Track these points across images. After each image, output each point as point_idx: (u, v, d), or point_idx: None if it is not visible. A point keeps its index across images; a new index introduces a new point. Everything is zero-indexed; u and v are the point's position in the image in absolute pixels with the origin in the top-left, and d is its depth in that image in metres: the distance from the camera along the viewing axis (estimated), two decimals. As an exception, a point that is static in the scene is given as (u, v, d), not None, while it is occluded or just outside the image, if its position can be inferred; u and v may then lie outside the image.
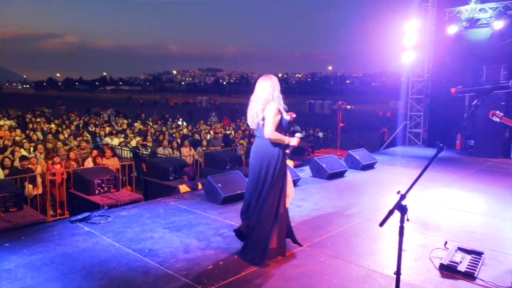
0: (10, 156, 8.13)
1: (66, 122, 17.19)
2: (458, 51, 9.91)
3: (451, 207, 5.17)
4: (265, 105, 3.36)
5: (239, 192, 5.40)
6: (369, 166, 7.61)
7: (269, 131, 3.30)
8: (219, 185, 5.28)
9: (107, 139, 11.87)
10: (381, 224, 1.82)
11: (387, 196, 5.57)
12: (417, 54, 10.39)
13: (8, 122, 15.56)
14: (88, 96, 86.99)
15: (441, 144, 1.92)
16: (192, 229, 4.20)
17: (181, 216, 4.64)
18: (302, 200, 5.35)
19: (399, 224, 1.84)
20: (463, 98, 9.79)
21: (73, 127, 15.26)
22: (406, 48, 10.38)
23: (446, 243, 3.61)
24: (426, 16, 10.61)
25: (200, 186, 6.30)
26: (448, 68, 9.98)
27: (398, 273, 1.86)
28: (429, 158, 7.93)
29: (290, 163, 7.62)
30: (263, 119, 3.37)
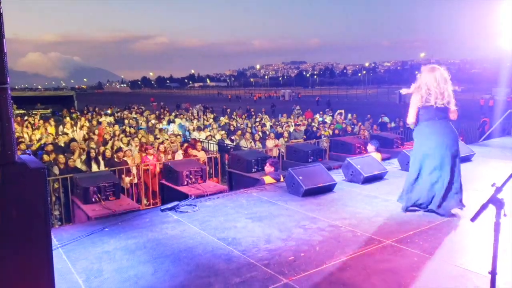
0: (110, 148, 9.03)
1: (159, 115, 18.59)
2: None
3: None
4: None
5: (321, 185, 5.29)
6: (466, 159, 6.87)
7: (456, 115, 4.14)
8: (301, 177, 5.22)
9: (195, 133, 12.57)
10: (473, 219, 1.61)
11: (484, 191, 4.97)
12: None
13: (108, 119, 17.37)
14: (178, 93, 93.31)
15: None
16: (274, 220, 4.22)
17: (263, 207, 4.70)
18: (389, 194, 5.03)
19: (494, 220, 1.60)
20: None
21: (164, 122, 16.46)
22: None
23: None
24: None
25: (282, 179, 6.32)
26: None
27: (493, 272, 1.63)
28: None
29: (377, 156, 7.23)
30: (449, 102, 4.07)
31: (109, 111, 22.76)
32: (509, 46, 8.78)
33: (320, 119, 17.52)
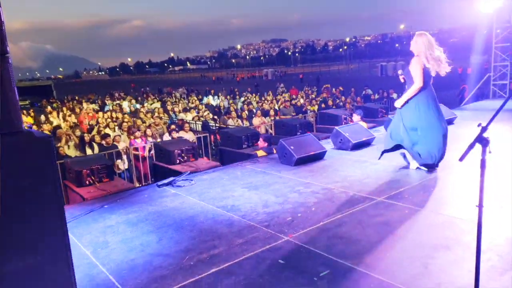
0: (96, 134, 9.00)
1: (140, 99, 18.42)
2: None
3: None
4: None
5: (312, 153, 5.45)
6: (448, 122, 7.10)
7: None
8: (292, 147, 5.36)
9: (182, 115, 12.55)
10: (461, 159, 1.76)
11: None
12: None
13: (91, 106, 17.14)
14: (159, 77, 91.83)
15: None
16: (269, 188, 4.37)
17: (257, 177, 4.84)
18: (376, 157, 5.22)
19: (480, 157, 1.76)
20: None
21: (148, 105, 16.34)
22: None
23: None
24: None
25: (274, 151, 6.45)
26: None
27: (480, 205, 1.79)
28: None
29: (363, 124, 7.43)
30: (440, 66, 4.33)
31: (91, 98, 22.36)
32: (488, 9, 8.97)
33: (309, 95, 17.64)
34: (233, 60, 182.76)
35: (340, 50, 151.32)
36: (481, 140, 1.73)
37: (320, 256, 2.72)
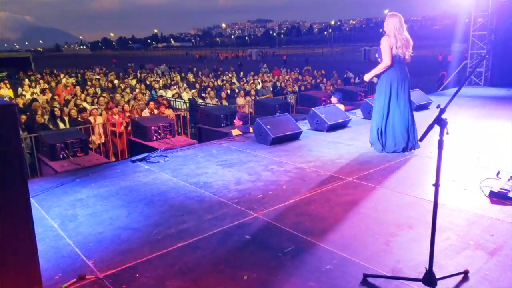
0: (75, 108, 8.79)
1: (121, 75, 18.02)
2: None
3: (508, 140, 4.91)
4: None
5: (288, 133, 5.47)
6: (423, 107, 7.26)
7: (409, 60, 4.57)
8: (268, 126, 5.37)
9: (161, 92, 12.35)
10: (421, 139, 1.81)
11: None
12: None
13: (69, 80, 16.66)
14: (141, 54, 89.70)
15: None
16: (243, 166, 4.39)
17: (232, 155, 4.84)
18: (352, 139, 5.32)
19: (438, 138, 1.81)
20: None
21: (128, 81, 16.00)
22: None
23: (498, 173, 3.47)
24: None
25: (251, 130, 6.45)
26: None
27: (437, 185, 1.85)
28: (490, 97, 7.53)
29: (341, 106, 7.49)
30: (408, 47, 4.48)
31: (70, 72, 21.70)
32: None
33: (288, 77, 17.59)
34: (218, 39, 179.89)
35: (325, 33, 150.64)
36: (439, 121, 1.77)
37: (287, 233, 2.77)
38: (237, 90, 12.22)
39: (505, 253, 2.38)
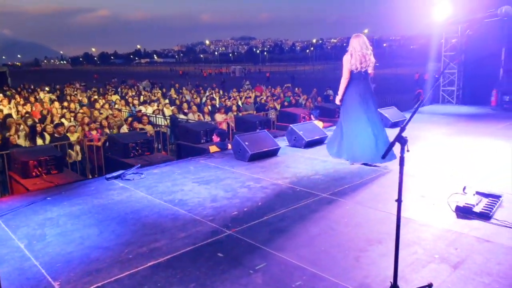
0: (51, 124, 8.64)
1: (102, 91, 17.88)
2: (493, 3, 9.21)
3: (476, 156, 5.10)
4: None
5: (266, 149, 5.51)
6: (398, 124, 7.45)
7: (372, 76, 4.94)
8: (246, 143, 5.40)
9: (141, 108, 12.28)
10: (383, 157, 1.87)
11: (415, 150, 5.50)
12: (450, 8, 9.72)
13: (48, 95, 16.40)
14: (124, 69, 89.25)
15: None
16: (220, 183, 4.38)
17: (210, 172, 4.84)
18: (328, 156, 5.37)
19: (399, 155, 1.87)
20: (498, 53, 9.24)
21: (108, 97, 15.86)
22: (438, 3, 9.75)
23: (464, 188, 3.58)
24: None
25: (229, 147, 6.46)
26: (485, 23, 9.31)
27: (399, 200, 1.91)
28: (462, 115, 7.78)
29: (319, 123, 7.60)
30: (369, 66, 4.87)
31: (47, 88, 21.33)
32: (439, 18, 9.44)
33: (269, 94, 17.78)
34: (201, 55, 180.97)
35: (307, 51, 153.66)
36: (400, 139, 1.84)
37: (260, 250, 2.77)
38: (218, 106, 12.27)
39: (468, 266, 2.44)
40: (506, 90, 9.28)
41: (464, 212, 3.16)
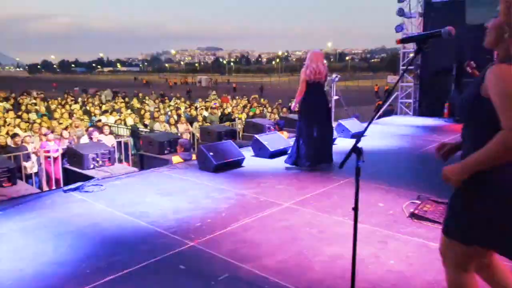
0: (4, 135, 8.23)
1: (62, 102, 17.25)
2: (448, 20, 9.84)
3: (431, 165, 5.37)
4: None
5: (231, 160, 5.51)
6: (363, 134, 7.70)
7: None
8: (211, 153, 5.38)
9: (103, 117, 11.95)
10: (341, 166, 1.94)
11: (378, 157, 5.70)
12: (408, 25, 10.32)
13: (2, 104, 15.60)
14: (85, 78, 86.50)
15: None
16: (183, 194, 4.33)
17: (173, 183, 4.77)
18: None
19: (355, 165, 1.95)
20: (451, 67, 9.84)
21: (68, 107, 15.32)
22: (398, 20, 10.32)
23: (419, 196, 3.76)
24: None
25: (194, 157, 6.41)
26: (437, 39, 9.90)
27: (356, 208, 1.98)
28: (418, 126, 8.15)
29: (284, 134, 7.71)
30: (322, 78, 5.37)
31: (1, 96, 20.26)
32: (394, 38, 9.95)
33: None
34: (167, 65, 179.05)
35: (273, 62, 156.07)
36: (356, 149, 1.91)
37: (222, 261, 2.76)
38: (182, 116, 12.16)
39: (415, 268, 2.56)
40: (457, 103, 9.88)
41: (418, 218, 3.31)
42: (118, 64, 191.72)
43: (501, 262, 1.73)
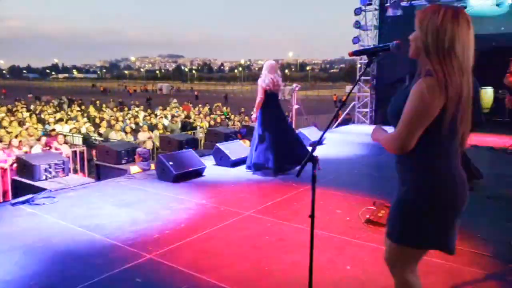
0: None
1: (13, 109, 16.34)
2: (401, 33, 10.35)
3: (386, 172, 5.59)
4: None
5: (191, 169, 5.45)
6: (319, 142, 7.89)
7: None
8: (171, 163, 5.29)
9: (57, 126, 11.44)
10: (298, 175, 1.98)
11: (336, 165, 5.86)
12: (365, 37, 10.75)
13: None
14: (38, 84, 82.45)
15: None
16: (141, 205, 4.22)
17: (131, 194, 4.64)
18: (254, 174, 5.49)
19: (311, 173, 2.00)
20: (405, 78, 10.35)
21: (19, 115, 14.53)
22: (355, 31, 10.74)
23: (374, 202, 3.90)
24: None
25: (153, 167, 6.27)
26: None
27: (312, 215, 2.03)
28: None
29: (245, 142, 7.74)
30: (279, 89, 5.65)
31: None
32: (351, 49, 10.33)
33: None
34: (126, 72, 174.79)
35: (236, 71, 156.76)
36: (311, 158, 1.96)
37: (181, 272, 2.71)
38: (141, 124, 11.90)
39: (370, 273, 2.65)
40: None
41: (373, 224, 3.43)
42: (74, 70, 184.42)
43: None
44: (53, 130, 9.83)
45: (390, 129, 1.73)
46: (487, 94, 9.52)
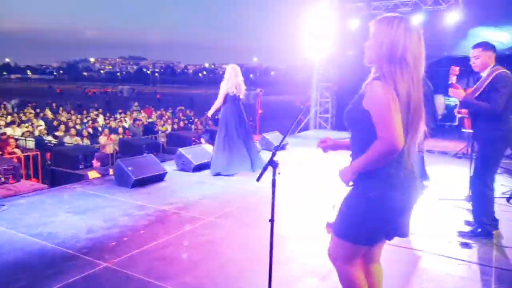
0: None
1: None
2: (359, 40, 10.70)
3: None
4: None
5: (151, 174, 5.33)
6: (281, 148, 7.99)
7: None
8: (130, 168, 5.16)
9: (9, 129, 10.83)
10: (258, 179, 2.00)
11: (293, 171, 5.95)
12: (323, 44, 10.97)
13: None
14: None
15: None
16: (98, 211, 4.08)
17: (87, 201, 4.47)
18: (216, 179, 5.47)
19: (271, 178, 2.03)
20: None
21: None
22: (313, 38, 10.96)
23: (334, 206, 3.99)
24: (330, 7, 11.23)
25: (111, 172, 6.08)
26: (350, 56, 10.69)
27: (272, 220, 2.06)
28: (335, 139, 8.45)
29: (209, 147, 7.68)
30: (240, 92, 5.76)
31: None
32: (310, 55, 10.60)
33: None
34: (85, 73, 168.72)
35: (200, 74, 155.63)
36: (272, 163, 1.99)
37: (138, 280, 2.64)
38: (100, 129, 11.52)
39: (336, 279, 2.71)
40: None
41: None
42: (28, 71, 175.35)
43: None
44: (4, 134, 9.30)
45: (340, 134, 1.80)
46: (440, 101, 10.06)
